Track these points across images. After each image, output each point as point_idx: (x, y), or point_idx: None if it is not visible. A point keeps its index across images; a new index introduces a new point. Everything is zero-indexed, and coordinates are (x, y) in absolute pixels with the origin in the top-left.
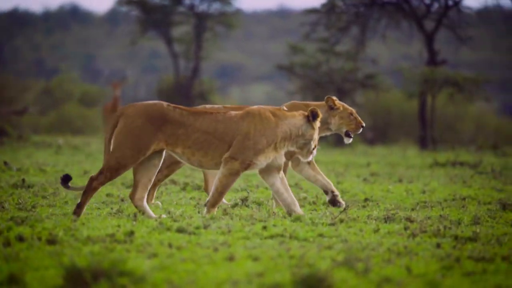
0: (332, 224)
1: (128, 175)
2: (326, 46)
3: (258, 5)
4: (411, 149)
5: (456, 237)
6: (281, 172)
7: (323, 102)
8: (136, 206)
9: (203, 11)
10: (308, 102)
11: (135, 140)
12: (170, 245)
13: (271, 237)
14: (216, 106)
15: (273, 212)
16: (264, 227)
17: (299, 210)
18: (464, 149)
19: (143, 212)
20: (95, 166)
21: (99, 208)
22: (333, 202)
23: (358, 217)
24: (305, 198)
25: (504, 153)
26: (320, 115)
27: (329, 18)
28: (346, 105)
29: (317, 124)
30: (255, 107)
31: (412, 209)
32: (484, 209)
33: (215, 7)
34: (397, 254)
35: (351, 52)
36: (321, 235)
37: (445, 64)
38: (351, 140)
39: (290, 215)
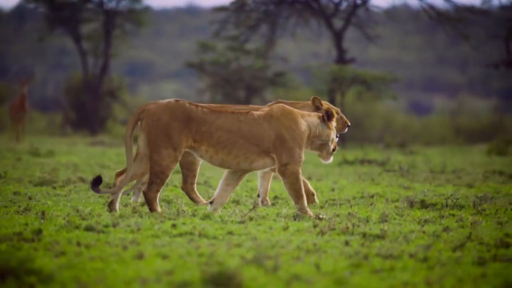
0: (242, 222)
1: (35, 173)
2: (236, 44)
3: (167, 3)
4: None
5: (364, 235)
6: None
7: (309, 102)
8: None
9: (112, 8)
10: (294, 102)
11: (166, 138)
12: (78, 244)
13: (180, 235)
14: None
15: (183, 210)
16: (174, 225)
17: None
18: (373, 147)
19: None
20: (2, 164)
21: (6, 207)
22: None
23: (267, 215)
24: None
25: (411, 151)
26: (335, 115)
27: (239, 16)
28: (331, 105)
29: (333, 124)
30: (274, 106)
31: (321, 207)
32: (391, 206)
33: (124, 4)
34: (306, 252)
35: (260, 50)
36: (230, 233)
37: (354, 62)
38: (336, 139)
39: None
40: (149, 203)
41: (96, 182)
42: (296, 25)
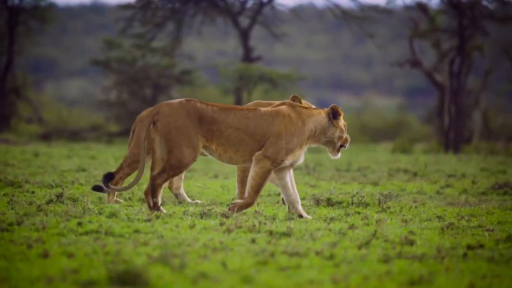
0: (148, 220)
1: None
2: (142, 42)
3: (72, 0)
4: None
5: (270, 233)
6: (291, 169)
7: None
8: (175, 195)
9: (16, 5)
10: (271, 102)
11: (187, 138)
12: None
13: (86, 233)
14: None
15: (89, 208)
16: (79, 224)
17: (301, 209)
18: None
19: (182, 200)
20: None
21: None
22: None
23: (174, 213)
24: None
25: (318, 149)
26: (342, 113)
27: (145, 13)
28: (309, 103)
29: (340, 122)
30: (284, 106)
31: (228, 205)
32: None
33: (28, 1)
34: (213, 250)
35: (167, 48)
36: (137, 231)
37: (260, 60)
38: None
39: (290, 211)
40: (154, 189)
41: (107, 178)
42: (202, 23)
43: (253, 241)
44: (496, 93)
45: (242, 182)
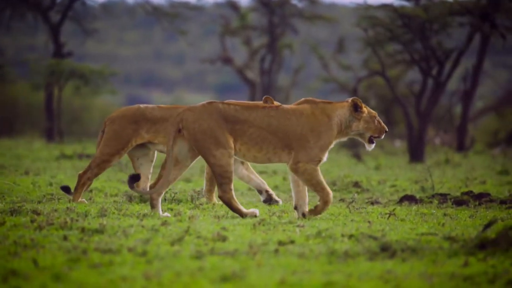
0: None
1: None
2: None
3: None
4: (38, 141)
5: (83, 229)
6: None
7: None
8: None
9: None
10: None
11: (214, 140)
12: None
13: None
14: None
15: None
16: None
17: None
18: (91, 141)
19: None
20: None
21: None
22: (269, 200)
23: None
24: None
25: None
26: (363, 106)
27: None
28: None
29: (363, 114)
30: (305, 105)
31: (39, 202)
32: (110, 201)
33: None
34: (24, 247)
35: None
36: None
37: (71, 56)
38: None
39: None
40: (229, 204)
41: (133, 179)
42: (11, 18)
43: (65, 238)
44: (306, 90)
45: (211, 179)
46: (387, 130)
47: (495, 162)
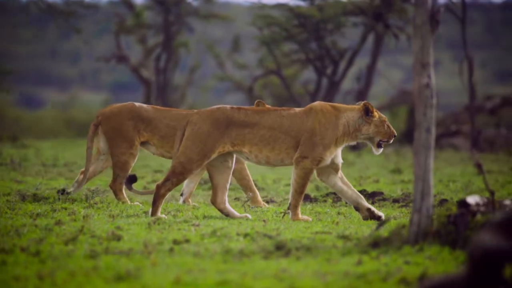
0: None
1: None
2: None
3: None
4: None
5: None
6: (340, 171)
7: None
8: (219, 210)
9: None
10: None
11: (200, 145)
12: None
13: None
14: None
15: None
16: None
17: (365, 202)
18: None
19: (227, 214)
20: None
21: None
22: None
23: None
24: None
25: (23, 144)
26: (374, 111)
27: None
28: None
29: (374, 118)
30: (316, 102)
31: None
32: (3, 200)
33: None
34: None
35: None
36: None
37: None
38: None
39: (357, 209)
40: (155, 197)
41: (130, 181)
42: None
43: None
44: (202, 89)
45: (246, 186)
46: (396, 134)
47: (388, 160)
